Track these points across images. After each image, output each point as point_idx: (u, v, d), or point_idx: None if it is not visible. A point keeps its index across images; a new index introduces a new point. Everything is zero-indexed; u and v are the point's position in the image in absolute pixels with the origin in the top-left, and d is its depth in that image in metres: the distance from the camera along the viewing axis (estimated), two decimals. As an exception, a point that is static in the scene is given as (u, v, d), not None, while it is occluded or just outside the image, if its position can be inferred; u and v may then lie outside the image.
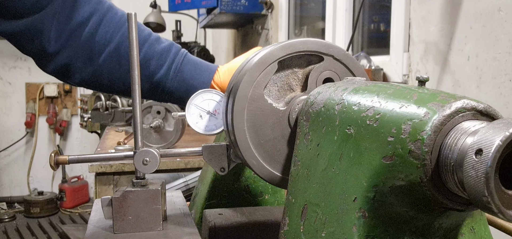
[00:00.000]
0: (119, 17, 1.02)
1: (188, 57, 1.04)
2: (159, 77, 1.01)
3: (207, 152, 0.80)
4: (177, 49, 1.04)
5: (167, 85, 1.02)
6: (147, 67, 1.01)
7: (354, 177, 0.51)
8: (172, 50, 1.03)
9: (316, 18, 2.87)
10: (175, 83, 1.02)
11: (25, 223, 4.65)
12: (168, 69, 1.02)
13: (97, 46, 0.99)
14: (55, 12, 0.96)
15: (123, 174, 1.79)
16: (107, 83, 1.03)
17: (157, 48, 1.01)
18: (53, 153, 0.74)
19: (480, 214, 0.55)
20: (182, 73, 1.02)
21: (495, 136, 0.40)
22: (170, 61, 1.02)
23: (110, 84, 1.03)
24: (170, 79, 1.02)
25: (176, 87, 1.02)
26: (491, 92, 1.30)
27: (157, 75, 1.01)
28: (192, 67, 1.03)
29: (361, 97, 0.55)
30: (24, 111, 5.44)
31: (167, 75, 1.02)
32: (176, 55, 1.03)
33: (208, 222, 0.85)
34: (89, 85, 1.06)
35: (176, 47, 1.05)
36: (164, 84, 1.02)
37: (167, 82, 1.02)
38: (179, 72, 1.02)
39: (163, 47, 1.02)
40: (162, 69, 1.01)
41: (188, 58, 1.04)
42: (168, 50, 1.03)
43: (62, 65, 1.00)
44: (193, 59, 1.05)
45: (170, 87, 1.02)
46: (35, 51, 0.99)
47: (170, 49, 1.03)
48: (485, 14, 1.31)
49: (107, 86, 1.05)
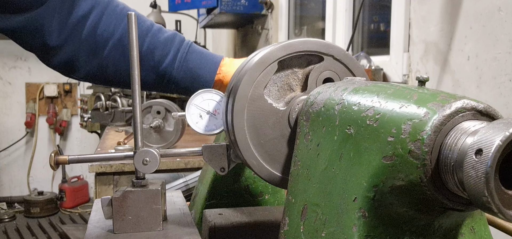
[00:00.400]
0: (120, 9, 1.02)
1: (194, 46, 1.04)
2: (165, 66, 1.01)
3: (207, 152, 0.80)
4: (181, 38, 1.04)
5: (173, 74, 1.02)
6: (152, 58, 1.00)
7: (354, 177, 0.51)
8: (176, 40, 1.03)
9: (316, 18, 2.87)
10: (181, 73, 1.02)
11: (25, 223, 4.65)
12: (174, 59, 1.01)
13: (100, 39, 1.00)
14: (56, 6, 0.96)
15: (123, 174, 1.78)
16: (113, 76, 1.03)
17: (160, 38, 1.01)
18: (53, 153, 0.74)
19: (480, 214, 0.55)
20: (187, 63, 1.02)
21: (495, 136, 0.40)
22: (175, 51, 1.02)
23: (116, 76, 1.03)
24: (175, 68, 1.02)
25: (182, 77, 1.02)
26: (491, 92, 1.30)
27: (162, 65, 1.01)
28: (197, 57, 1.03)
29: (361, 97, 0.55)
30: (24, 111, 5.44)
31: (173, 64, 1.01)
32: (181, 45, 1.03)
33: (208, 222, 0.85)
34: (95, 79, 1.06)
35: (180, 37, 1.04)
36: (170, 73, 1.02)
37: (173, 72, 1.02)
38: (185, 61, 1.02)
39: (166, 37, 1.02)
40: (167, 59, 1.01)
41: (193, 48, 1.04)
42: (172, 39, 1.02)
43: (66, 60, 1.01)
44: (199, 49, 1.05)
45: (176, 77, 1.02)
46: (37, 46, 1.00)
47: (174, 38, 1.03)
48: (485, 14, 1.31)
49: (113, 79, 1.05)
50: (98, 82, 1.10)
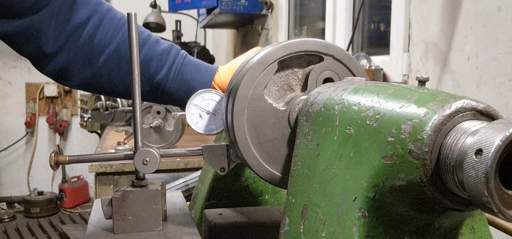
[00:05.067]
0: (118, 18, 1.01)
1: (188, 58, 1.04)
2: (160, 78, 1.01)
3: (207, 152, 0.80)
4: (177, 50, 1.04)
5: (168, 86, 1.02)
6: (147, 69, 1.00)
7: (354, 177, 0.51)
8: (172, 52, 1.03)
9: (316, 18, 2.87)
10: (175, 85, 1.02)
11: (25, 223, 4.65)
12: (169, 71, 1.01)
13: (97, 48, 0.99)
14: (53, 13, 0.95)
15: (123, 174, 1.78)
16: (107, 86, 1.03)
17: (157, 50, 1.01)
18: (53, 153, 0.74)
19: (480, 214, 0.55)
20: (182, 75, 1.02)
21: (495, 136, 0.40)
22: (170, 63, 1.02)
23: (109, 86, 1.03)
24: (170, 80, 1.02)
25: (176, 89, 1.02)
26: (491, 92, 1.30)
27: (157, 77, 1.01)
28: (192, 68, 1.03)
29: (361, 97, 0.55)
30: (24, 111, 5.44)
31: (168, 76, 1.01)
32: (176, 57, 1.03)
33: (208, 222, 0.85)
34: (88, 88, 1.05)
35: (176, 49, 1.04)
36: (164, 85, 1.02)
37: (167, 84, 1.02)
38: (180, 73, 1.02)
39: (163, 49, 1.02)
40: (163, 71, 1.01)
41: (188, 60, 1.04)
42: (168, 51, 1.02)
43: (60, 67, 1.00)
44: (193, 61, 1.04)
45: (170, 89, 1.02)
46: (32, 52, 0.98)
47: (170, 50, 1.03)
48: (485, 14, 1.31)
49: (106, 88, 1.04)
50: (92, 91, 1.09)
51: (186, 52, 1.06)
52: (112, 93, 1.07)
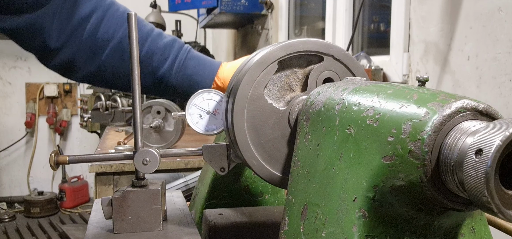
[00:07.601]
0: (120, 12, 1.02)
1: (192, 52, 1.05)
2: (163, 72, 1.01)
3: (207, 152, 0.80)
4: (180, 44, 1.04)
5: (171, 80, 1.02)
6: (150, 62, 1.01)
7: (354, 177, 0.51)
8: (175, 46, 1.03)
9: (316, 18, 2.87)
10: (178, 79, 1.02)
11: (25, 223, 4.65)
12: (172, 64, 1.02)
13: (100, 42, 1.00)
14: (57, 8, 0.96)
15: (123, 174, 1.78)
16: (111, 79, 1.04)
17: (160, 43, 1.02)
18: (53, 153, 0.74)
19: (480, 214, 0.55)
20: (185, 69, 1.02)
21: (495, 136, 0.40)
22: (173, 56, 1.02)
23: (113, 79, 1.04)
24: (173, 74, 1.02)
25: (180, 83, 1.02)
26: (491, 92, 1.30)
27: (160, 70, 1.01)
28: (196, 63, 1.03)
29: (361, 97, 0.55)
30: (24, 111, 5.44)
31: (171, 70, 1.02)
32: (179, 51, 1.03)
33: (208, 222, 0.85)
34: (93, 81, 1.07)
35: (179, 43, 1.04)
36: (167, 79, 1.02)
37: (170, 78, 1.02)
38: (183, 67, 1.02)
39: (166, 42, 1.02)
40: (166, 64, 1.01)
41: (192, 54, 1.04)
42: (171, 45, 1.03)
43: (65, 62, 1.01)
44: (197, 55, 1.05)
45: (173, 83, 1.02)
46: (36, 47, 1.00)
47: (173, 44, 1.03)
48: (485, 14, 1.31)
49: (110, 81, 1.05)
50: (96, 84, 1.10)
51: (190, 47, 1.06)
52: (116, 87, 1.08)
